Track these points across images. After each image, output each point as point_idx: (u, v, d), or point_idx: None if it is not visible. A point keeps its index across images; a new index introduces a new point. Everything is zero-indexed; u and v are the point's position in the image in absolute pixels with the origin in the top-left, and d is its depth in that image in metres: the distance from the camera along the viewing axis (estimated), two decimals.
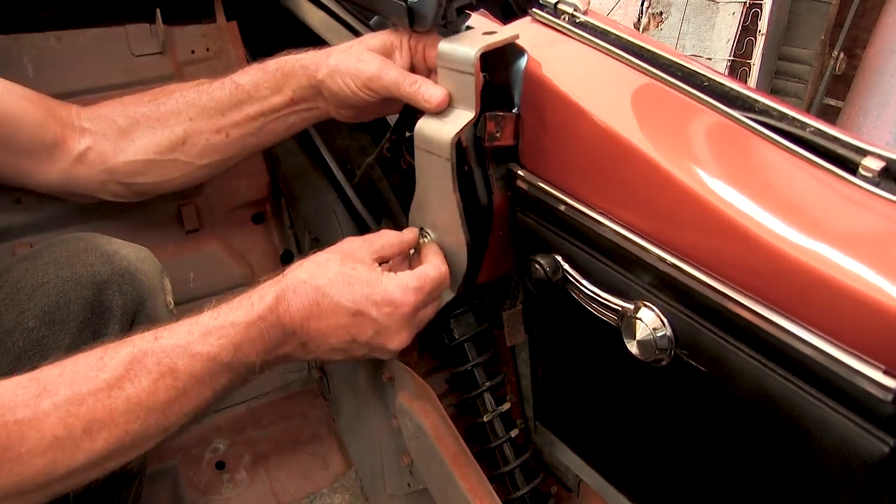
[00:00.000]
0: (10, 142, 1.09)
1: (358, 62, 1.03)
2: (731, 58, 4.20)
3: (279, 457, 1.54)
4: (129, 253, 1.04)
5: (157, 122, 1.14)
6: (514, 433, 1.23)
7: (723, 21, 4.21)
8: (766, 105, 0.87)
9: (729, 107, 0.87)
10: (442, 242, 1.03)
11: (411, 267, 1.00)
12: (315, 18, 1.45)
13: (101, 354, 0.82)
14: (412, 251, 1.06)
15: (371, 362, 1.35)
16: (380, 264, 0.97)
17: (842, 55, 4.03)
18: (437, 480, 1.19)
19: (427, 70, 1.05)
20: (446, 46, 0.94)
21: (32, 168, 1.13)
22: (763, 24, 4.14)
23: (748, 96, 0.89)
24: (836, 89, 4.10)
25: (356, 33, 1.35)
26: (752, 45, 4.22)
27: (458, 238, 1.00)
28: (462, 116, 0.95)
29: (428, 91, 0.96)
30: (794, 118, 0.84)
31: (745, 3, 4.16)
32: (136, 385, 0.81)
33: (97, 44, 1.41)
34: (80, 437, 0.77)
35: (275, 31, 1.63)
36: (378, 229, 1.10)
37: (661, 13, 4.36)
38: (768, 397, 0.77)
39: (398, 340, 0.94)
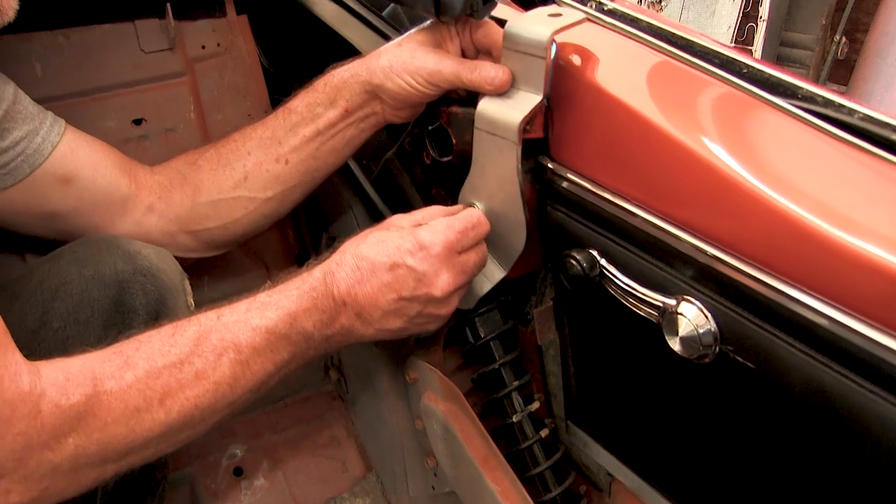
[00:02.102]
0: (88, 193, 1.11)
1: (413, 59, 1.00)
2: (733, 44, 4.18)
3: (298, 461, 1.52)
4: (150, 253, 1.03)
5: (218, 163, 1.14)
6: (543, 433, 1.20)
7: (723, 7, 4.19)
8: (810, 91, 0.85)
9: (770, 94, 0.85)
10: (498, 223, 1.00)
11: None
12: (327, 10, 1.42)
13: (171, 332, 0.86)
14: None
15: (391, 362, 1.33)
16: None
17: (843, 39, 4.02)
18: (466, 483, 1.17)
19: (476, 53, 1.02)
20: (514, 28, 0.91)
21: (108, 221, 1.14)
22: (764, 10, 4.12)
23: (790, 83, 0.86)
24: (839, 74, 4.09)
25: (369, 25, 1.33)
26: (753, 31, 4.21)
27: (517, 218, 0.98)
28: (529, 99, 0.93)
29: (490, 73, 0.95)
30: (840, 104, 0.82)
31: None
32: (204, 360, 0.84)
33: (106, 41, 1.38)
34: (157, 409, 0.81)
35: (286, 25, 1.60)
36: None
37: (661, 1, 4.34)
38: (823, 394, 0.74)
39: (441, 284, 0.93)
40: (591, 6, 1.02)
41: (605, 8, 1.02)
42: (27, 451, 0.73)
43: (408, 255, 0.91)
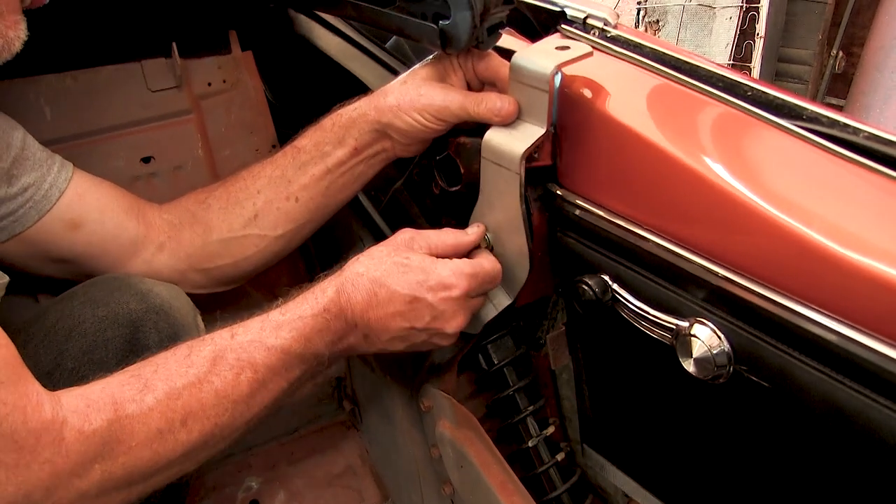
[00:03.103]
0: (97, 238, 1.12)
1: (420, 96, 1.01)
2: (731, 62, 4.19)
3: (314, 492, 1.52)
4: (163, 291, 1.04)
5: (228, 201, 1.15)
6: (559, 457, 1.20)
7: (720, 26, 4.20)
8: (815, 112, 0.85)
9: (776, 116, 0.86)
10: (504, 251, 1.01)
11: None
12: (331, 44, 1.43)
13: (187, 352, 0.86)
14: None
15: (405, 391, 1.33)
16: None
17: (840, 53, 4.03)
18: None
19: (480, 84, 1.04)
20: (520, 61, 0.92)
21: (118, 263, 1.15)
22: (761, 27, 4.13)
23: (794, 104, 0.87)
24: (837, 88, 4.10)
25: (373, 57, 1.34)
26: (750, 48, 4.21)
27: (521, 247, 0.99)
28: (532, 131, 0.94)
29: (496, 105, 0.96)
30: (845, 124, 0.83)
31: (741, 6, 4.15)
32: (222, 379, 0.85)
33: (113, 81, 1.39)
34: (179, 430, 0.82)
35: (290, 60, 1.61)
36: None
37: (658, 21, 4.37)
38: (839, 411, 0.74)
39: (455, 324, 0.95)
40: (594, 34, 1.03)
41: (609, 35, 1.03)
42: (54, 479, 0.74)
43: (429, 293, 0.93)
